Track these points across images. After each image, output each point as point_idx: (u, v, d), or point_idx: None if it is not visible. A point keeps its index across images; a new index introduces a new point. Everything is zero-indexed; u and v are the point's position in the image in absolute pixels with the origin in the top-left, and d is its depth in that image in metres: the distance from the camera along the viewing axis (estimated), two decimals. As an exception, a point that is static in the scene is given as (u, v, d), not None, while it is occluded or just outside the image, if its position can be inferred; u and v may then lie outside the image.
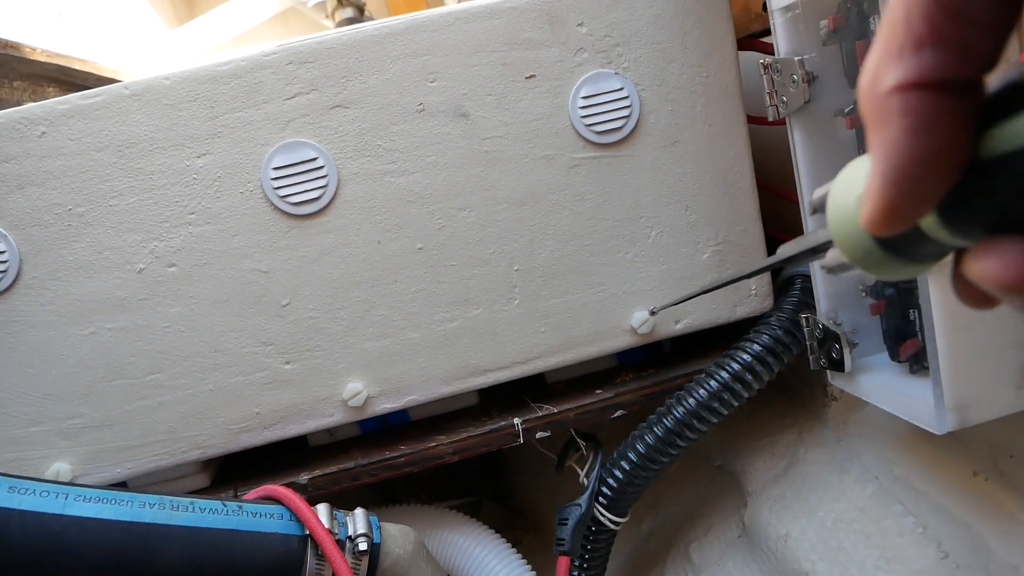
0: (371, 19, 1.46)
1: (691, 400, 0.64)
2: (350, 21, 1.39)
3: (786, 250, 0.31)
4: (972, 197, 0.20)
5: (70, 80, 0.96)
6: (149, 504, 0.51)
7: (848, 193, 0.24)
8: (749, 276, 0.36)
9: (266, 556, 0.53)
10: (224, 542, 0.52)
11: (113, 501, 0.51)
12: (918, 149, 0.19)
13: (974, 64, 0.19)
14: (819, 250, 0.29)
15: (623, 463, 0.67)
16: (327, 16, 1.46)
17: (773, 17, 0.59)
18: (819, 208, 0.28)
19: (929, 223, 0.22)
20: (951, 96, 0.19)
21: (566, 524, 0.67)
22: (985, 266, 0.20)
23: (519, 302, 0.66)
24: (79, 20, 1.28)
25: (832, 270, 0.28)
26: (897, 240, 0.23)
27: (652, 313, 0.66)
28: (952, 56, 0.19)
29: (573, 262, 0.66)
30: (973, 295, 0.22)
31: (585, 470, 0.69)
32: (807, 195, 0.61)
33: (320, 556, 0.54)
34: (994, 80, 0.20)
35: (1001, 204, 0.19)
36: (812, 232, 0.29)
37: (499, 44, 0.62)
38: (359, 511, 0.58)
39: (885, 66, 0.20)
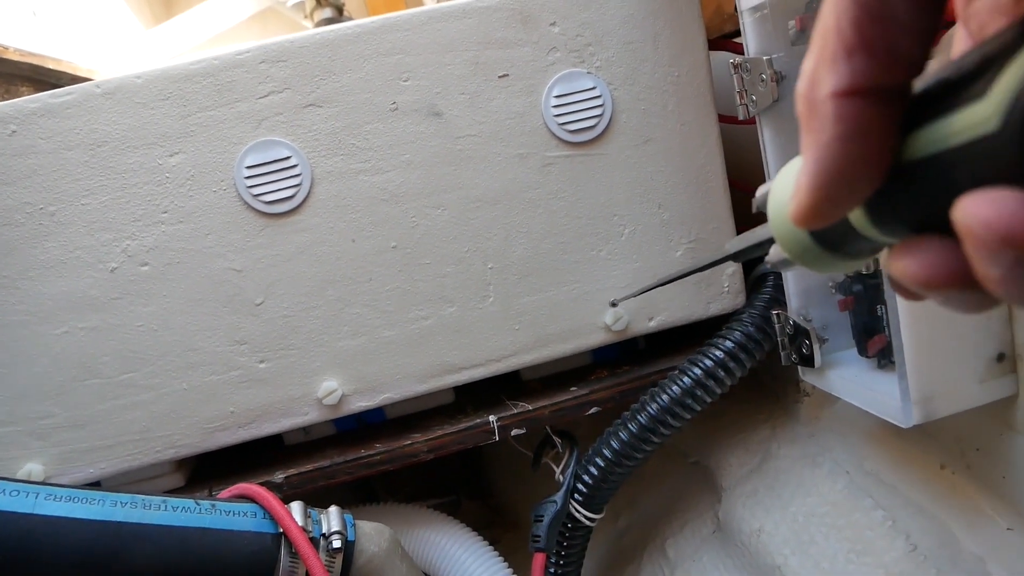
0: (350, 19, 1.45)
1: (664, 397, 0.65)
2: (329, 21, 1.39)
3: (732, 245, 0.32)
4: (896, 198, 0.21)
5: (44, 79, 0.95)
6: (121, 503, 0.51)
7: (785, 192, 0.25)
8: (699, 270, 0.37)
9: (239, 554, 0.53)
10: (197, 540, 0.52)
11: (84, 500, 0.50)
12: (846, 154, 0.20)
13: (901, 70, 0.20)
14: (764, 245, 0.29)
15: (598, 460, 0.67)
16: (306, 16, 1.46)
17: (742, 17, 0.60)
18: (761, 206, 0.29)
19: (860, 221, 0.22)
20: (880, 103, 0.20)
21: (542, 521, 0.67)
22: (905, 264, 0.21)
23: (493, 300, 0.66)
24: (54, 19, 1.27)
25: (775, 265, 0.29)
26: (832, 236, 0.24)
27: (613, 305, 0.67)
28: (880, 62, 0.19)
29: (547, 260, 0.67)
30: (904, 289, 0.23)
31: (561, 467, 0.70)
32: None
33: (294, 554, 0.54)
34: (918, 83, 0.20)
35: (922, 205, 0.20)
36: (757, 228, 0.30)
37: (472, 43, 0.63)
38: (333, 509, 0.58)
39: (819, 72, 0.20)
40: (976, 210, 0.17)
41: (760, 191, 0.29)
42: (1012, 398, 0.54)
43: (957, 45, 0.25)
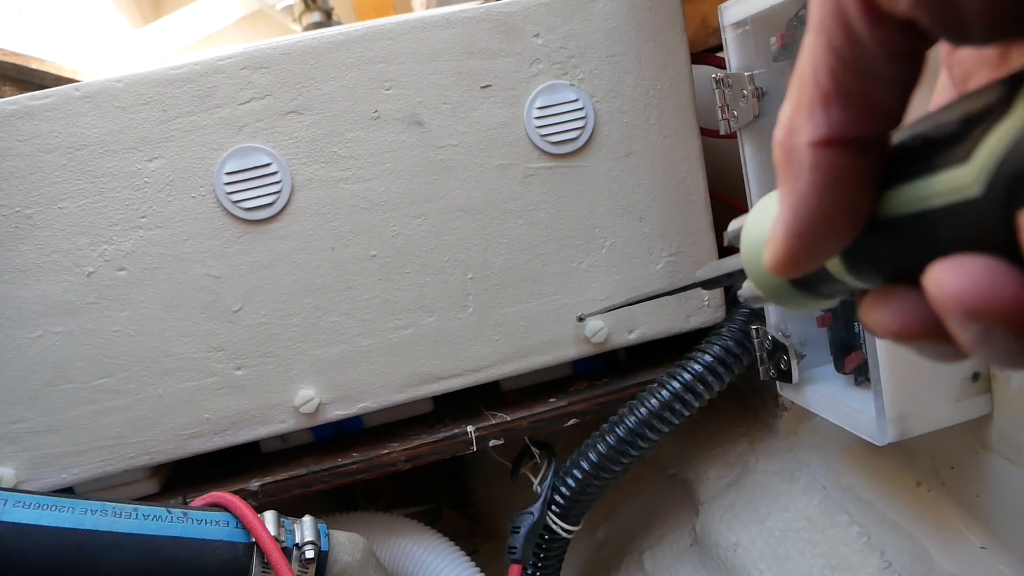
0: (339, 23, 1.45)
1: (643, 410, 0.65)
2: (317, 25, 1.38)
3: (704, 272, 0.32)
4: (872, 249, 0.21)
5: (27, 79, 0.94)
6: (91, 511, 0.51)
7: (760, 230, 0.25)
8: (667, 294, 0.37)
9: (210, 563, 0.53)
10: (167, 549, 0.52)
11: (54, 507, 0.50)
12: (822, 206, 0.20)
13: (879, 121, 0.19)
14: (735, 276, 0.29)
15: (575, 472, 0.67)
16: (294, 20, 1.46)
17: (724, 33, 0.60)
18: (734, 241, 0.28)
19: (835, 266, 0.22)
20: (858, 154, 0.19)
21: (518, 532, 0.67)
22: (878, 315, 0.21)
23: (473, 310, 0.66)
24: (40, 18, 1.26)
25: (747, 301, 0.29)
26: (806, 278, 0.24)
27: (580, 319, 0.67)
28: (858, 113, 0.19)
29: (527, 271, 0.66)
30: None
31: (539, 478, 0.70)
32: (757, 208, 0.62)
33: (266, 564, 0.54)
34: (897, 134, 0.20)
35: (898, 258, 0.20)
36: (729, 258, 0.30)
37: (455, 53, 0.63)
38: (307, 518, 0.58)
39: (797, 120, 0.20)
40: (946, 281, 0.17)
41: (733, 226, 0.29)
42: (987, 417, 0.54)
43: (939, 92, 0.25)
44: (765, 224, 0.24)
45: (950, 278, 0.17)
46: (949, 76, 0.24)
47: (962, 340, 0.18)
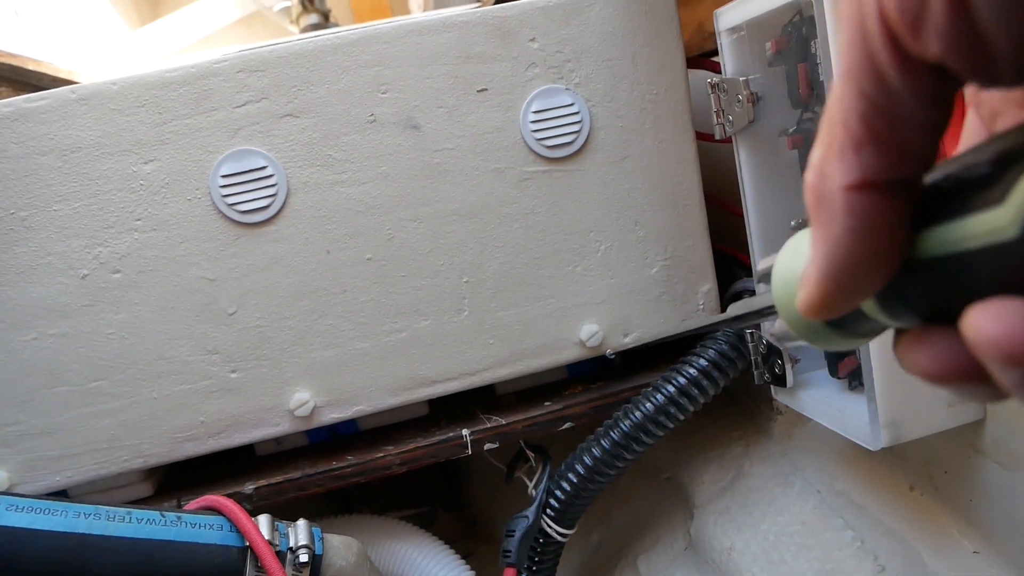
0: (336, 25, 1.45)
1: (638, 413, 0.65)
2: (315, 27, 1.39)
3: (735, 310, 0.32)
4: (907, 290, 0.21)
5: (23, 80, 0.94)
6: (84, 514, 0.51)
7: (791, 269, 0.25)
8: (699, 331, 0.37)
9: (204, 567, 0.53)
10: (161, 553, 0.52)
11: (47, 511, 0.50)
12: (858, 250, 0.20)
13: (912, 163, 0.19)
14: (765, 313, 0.29)
15: (570, 475, 0.67)
16: (292, 21, 1.46)
17: (720, 38, 0.60)
18: (764, 279, 0.28)
19: (869, 306, 0.22)
20: (891, 197, 0.19)
21: (513, 536, 0.67)
22: (915, 357, 0.21)
23: (468, 314, 0.66)
24: (37, 19, 1.26)
25: (779, 339, 0.29)
26: (840, 318, 0.24)
27: (609, 356, 0.68)
28: (890, 156, 0.19)
29: (523, 275, 0.66)
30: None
31: (534, 482, 0.70)
32: (752, 211, 0.62)
33: (260, 568, 0.54)
34: (928, 176, 0.20)
35: (933, 300, 0.20)
36: (760, 296, 0.30)
37: (451, 57, 0.63)
38: (301, 522, 0.58)
39: (828, 165, 0.20)
40: (984, 326, 0.17)
41: (763, 264, 0.29)
42: (980, 422, 0.54)
43: (967, 131, 0.25)
44: (796, 264, 0.24)
45: (988, 323, 0.17)
46: (977, 114, 0.24)
47: (1003, 384, 0.18)
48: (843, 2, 0.18)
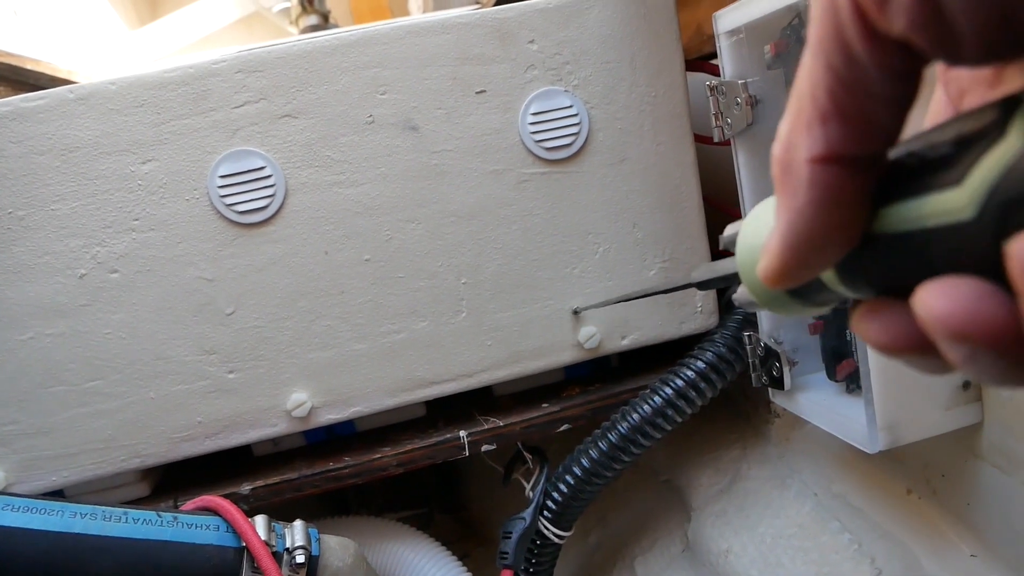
0: (336, 26, 1.45)
1: (635, 415, 0.65)
2: (314, 28, 1.38)
3: (699, 274, 0.32)
4: (865, 263, 0.21)
5: (22, 80, 0.94)
6: (80, 514, 0.51)
7: (755, 237, 0.25)
8: (662, 292, 0.38)
9: (200, 568, 0.53)
10: (157, 553, 0.52)
11: (43, 511, 0.50)
12: (819, 222, 0.20)
13: (876, 139, 0.20)
14: (729, 279, 0.30)
15: (568, 477, 0.67)
16: (291, 22, 1.46)
17: (719, 41, 0.60)
18: (728, 246, 0.29)
19: (828, 276, 0.23)
20: (855, 171, 0.20)
21: (510, 537, 0.67)
22: (868, 327, 0.21)
23: (466, 315, 0.66)
24: (36, 19, 1.26)
25: (742, 305, 0.29)
26: (800, 286, 0.24)
27: (575, 312, 0.67)
28: (855, 131, 0.19)
29: (520, 276, 0.66)
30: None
31: (531, 483, 0.70)
32: (751, 215, 0.62)
33: (256, 568, 0.54)
34: (892, 151, 0.20)
35: (890, 274, 0.21)
36: (724, 260, 0.30)
37: (450, 59, 0.63)
38: (298, 523, 0.58)
39: (795, 137, 0.20)
40: (932, 303, 0.17)
41: (728, 231, 0.29)
42: (977, 426, 0.54)
43: (934, 107, 0.25)
44: (760, 232, 0.24)
45: (937, 300, 0.17)
46: (945, 92, 0.25)
47: (950, 359, 0.18)
48: None
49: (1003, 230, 0.16)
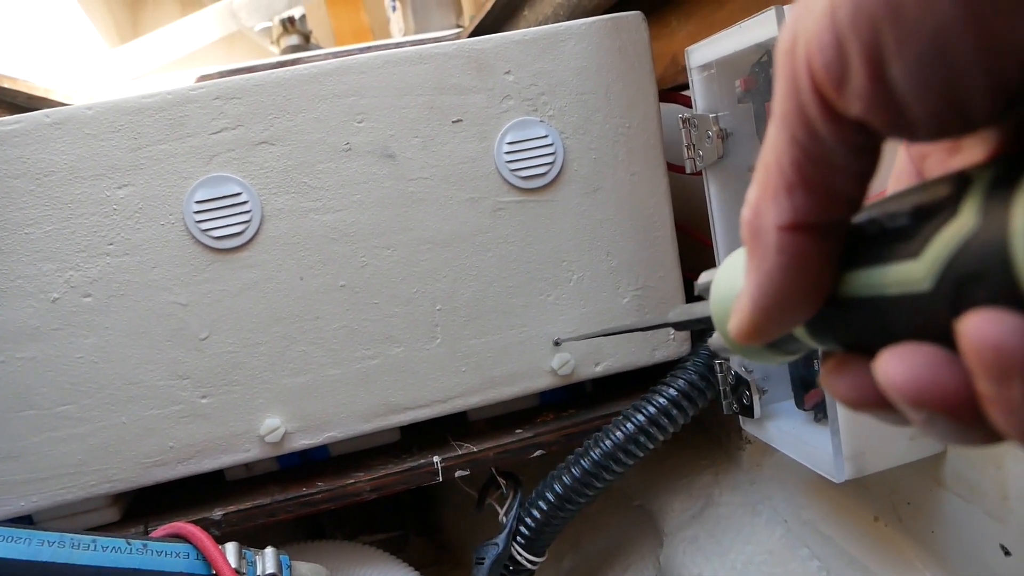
0: (317, 47, 1.46)
1: (608, 442, 0.65)
2: (295, 48, 1.39)
3: (675, 315, 0.33)
4: (831, 321, 0.22)
5: (-1, 99, 0.94)
6: (48, 542, 0.50)
7: (729, 287, 0.26)
8: (639, 330, 0.38)
9: (169, 596, 0.52)
10: (126, 581, 0.51)
11: (10, 539, 0.49)
12: (787, 285, 0.21)
13: (840, 207, 0.21)
14: (703, 321, 0.30)
15: (540, 503, 0.67)
16: (272, 42, 1.46)
17: (691, 75, 0.61)
18: (703, 293, 0.30)
19: (799, 330, 0.24)
20: (820, 238, 0.21)
21: (483, 564, 0.67)
22: (835, 382, 0.22)
23: (441, 341, 0.66)
24: (14, 36, 1.26)
25: (717, 351, 0.30)
26: None
27: (556, 344, 0.68)
28: (820, 200, 0.20)
29: (495, 303, 0.67)
30: None
31: (504, 509, 0.70)
32: (722, 244, 0.63)
33: (226, 596, 0.53)
34: (856, 216, 0.21)
35: (854, 333, 0.22)
36: (700, 304, 0.31)
37: (427, 88, 0.64)
38: (269, 550, 0.58)
39: (763, 205, 0.21)
40: (890, 371, 0.18)
41: (703, 279, 0.30)
42: (941, 455, 0.55)
43: (898, 166, 0.27)
44: (733, 284, 0.25)
45: (895, 368, 0.18)
46: (907, 153, 0.26)
47: (909, 420, 0.19)
48: (779, 52, 0.20)
49: (958, 304, 0.17)
